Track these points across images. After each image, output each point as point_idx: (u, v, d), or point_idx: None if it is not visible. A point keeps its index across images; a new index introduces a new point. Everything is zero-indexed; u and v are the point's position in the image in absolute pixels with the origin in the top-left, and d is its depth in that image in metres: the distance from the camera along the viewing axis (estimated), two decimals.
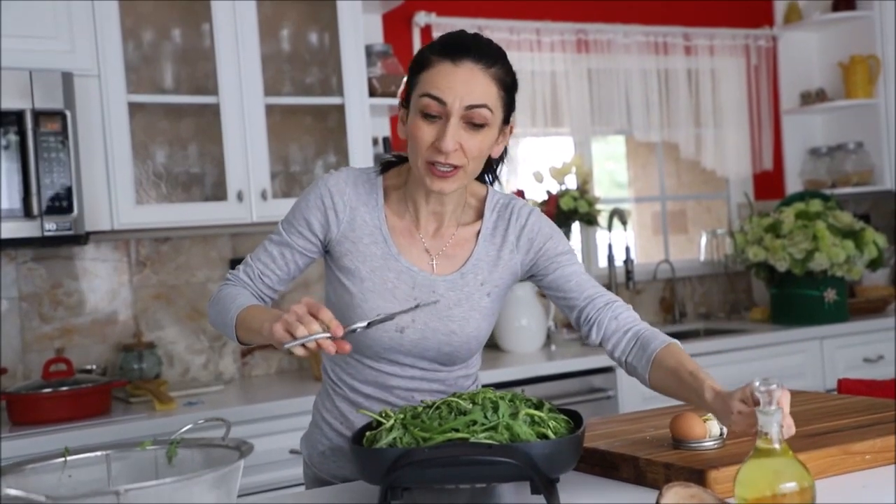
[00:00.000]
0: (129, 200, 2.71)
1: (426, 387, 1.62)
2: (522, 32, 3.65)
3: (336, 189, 1.58)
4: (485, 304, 1.59)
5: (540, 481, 1.22)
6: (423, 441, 1.28)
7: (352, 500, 1.42)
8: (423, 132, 1.47)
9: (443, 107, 1.46)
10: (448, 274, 1.59)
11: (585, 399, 3.00)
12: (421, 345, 1.57)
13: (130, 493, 0.95)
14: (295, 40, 3.10)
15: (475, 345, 1.60)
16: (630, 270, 3.72)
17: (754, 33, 4.15)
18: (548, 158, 3.82)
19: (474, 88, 1.47)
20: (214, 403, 2.64)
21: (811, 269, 3.46)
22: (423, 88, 1.48)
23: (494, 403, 1.34)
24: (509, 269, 1.62)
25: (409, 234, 1.60)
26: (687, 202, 4.48)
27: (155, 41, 2.92)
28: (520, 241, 1.61)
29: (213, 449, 1.16)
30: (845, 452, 1.35)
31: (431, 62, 1.49)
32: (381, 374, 1.60)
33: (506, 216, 1.63)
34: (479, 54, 1.48)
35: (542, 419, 1.32)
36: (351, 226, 1.58)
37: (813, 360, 3.45)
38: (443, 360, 1.60)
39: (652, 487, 1.34)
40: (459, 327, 1.57)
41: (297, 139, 3.11)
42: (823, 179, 4.18)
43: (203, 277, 3.11)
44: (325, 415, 1.67)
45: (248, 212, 2.85)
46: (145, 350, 2.91)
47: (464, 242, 1.61)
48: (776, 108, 4.25)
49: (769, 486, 1.11)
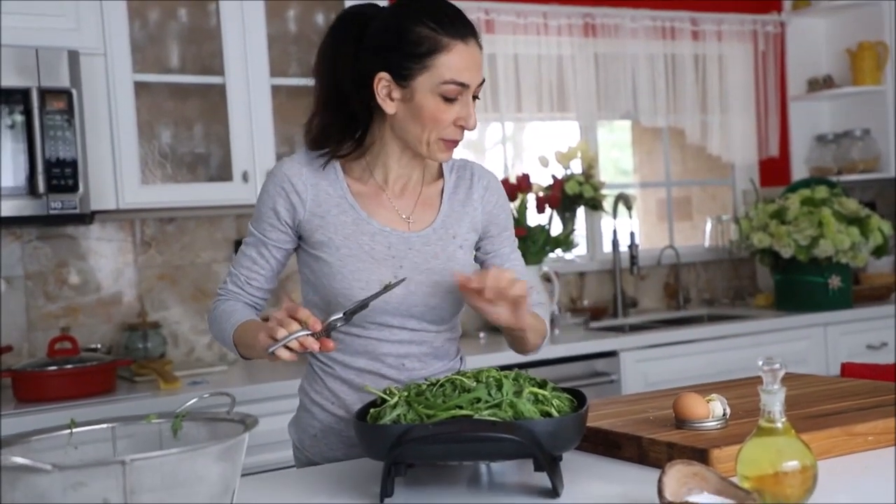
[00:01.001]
0: (134, 180, 2.71)
1: (416, 350, 1.63)
2: (529, 16, 3.63)
3: (291, 172, 1.60)
4: (459, 256, 1.64)
5: (543, 459, 1.23)
6: (426, 418, 1.28)
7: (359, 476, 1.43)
8: (445, 114, 1.52)
9: (463, 89, 1.52)
10: (421, 230, 1.63)
11: (588, 383, 3.00)
12: (408, 300, 1.58)
13: (136, 463, 0.96)
14: (301, 21, 3.10)
15: (459, 296, 1.60)
16: (634, 256, 3.72)
17: (762, 19, 4.13)
18: (553, 143, 3.82)
19: (479, 67, 1.55)
20: (218, 383, 2.65)
21: (816, 256, 3.46)
22: (445, 75, 1.50)
23: (498, 381, 1.34)
24: (474, 224, 1.68)
25: (375, 197, 1.63)
26: (692, 188, 4.48)
27: (161, 20, 2.91)
28: (484, 199, 1.68)
29: (218, 423, 1.17)
30: (848, 434, 1.36)
31: (446, 45, 1.50)
32: (370, 341, 1.61)
33: (466, 176, 1.69)
34: (474, 31, 1.55)
35: (545, 398, 1.33)
36: (316, 202, 1.59)
37: (816, 347, 3.45)
38: (430, 317, 1.62)
39: (654, 467, 1.35)
40: (441, 277, 1.60)
41: (302, 120, 3.07)
42: (829, 166, 4.17)
43: (208, 258, 3.11)
44: (315, 397, 1.67)
45: (253, 192, 2.85)
46: (150, 330, 2.92)
47: (430, 200, 1.66)
48: (783, 95, 4.23)
49: (771, 464, 1.11)
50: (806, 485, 1.12)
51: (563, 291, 3.74)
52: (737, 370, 3.14)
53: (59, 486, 0.96)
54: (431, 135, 1.53)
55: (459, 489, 1.32)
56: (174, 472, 1.00)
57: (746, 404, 1.54)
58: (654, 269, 3.98)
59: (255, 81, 2.85)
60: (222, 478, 1.06)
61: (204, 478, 1.03)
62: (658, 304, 4.00)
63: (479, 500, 1.26)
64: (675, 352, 3.21)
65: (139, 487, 0.97)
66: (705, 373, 3.17)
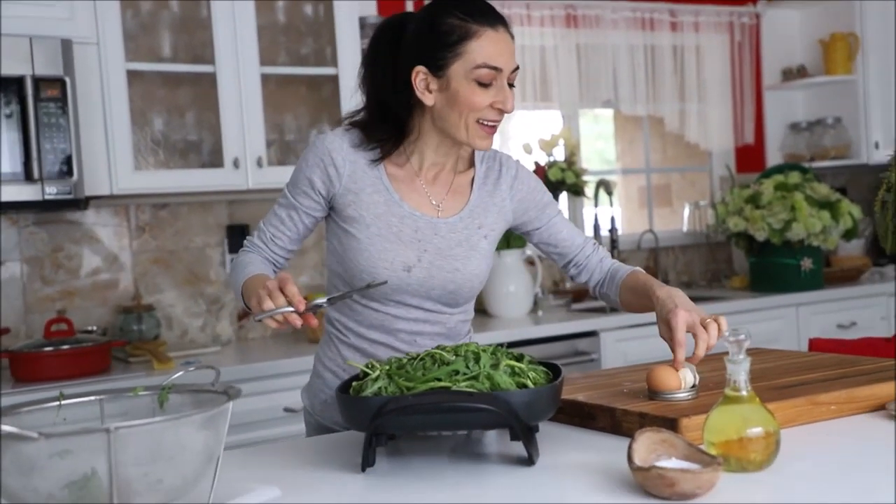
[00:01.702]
0: (127, 166, 2.70)
1: (429, 329, 1.64)
2: (513, 7, 3.62)
3: (334, 146, 1.60)
4: (483, 246, 1.65)
5: (519, 428, 1.23)
6: (407, 390, 1.28)
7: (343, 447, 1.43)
8: (480, 98, 1.52)
9: (497, 73, 1.52)
10: (449, 217, 1.64)
11: (570, 361, 3.02)
12: (427, 283, 1.60)
13: (121, 430, 0.96)
14: (290, 11, 3.08)
15: (476, 283, 1.65)
16: (615, 240, 3.72)
17: (738, 10, 4.13)
18: (537, 131, 3.82)
19: (511, 53, 1.55)
20: (211, 363, 2.62)
21: (789, 239, 3.47)
22: (476, 59, 1.51)
23: (476, 355, 1.35)
24: (502, 215, 1.69)
25: (409, 181, 1.63)
26: (672, 175, 4.48)
27: (153, 10, 2.89)
28: (513, 190, 1.69)
29: (203, 394, 1.17)
30: (812, 403, 1.37)
31: (476, 31, 1.52)
32: (386, 317, 1.62)
33: (495, 167, 1.70)
34: (505, 21, 1.56)
35: (522, 370, 1.33)
36: (352, 178, 1.60)
37: (789, 326, 3.47)
38: (447, 300, 1.63)
39: (627, 436, 1.35)
40: (462, 265, 1.61)
41: (292, 108, 3.10)
42: (803, 153, 4.18)
43: (201, 243, 3.10)
44: (328, 363, 1.69)
45: (244, 179, 2.84)
46: (144, 312, 2.91)
47: (461, 189, 1.67)
48: (758, 84, 4.24)
49: (736, 430, 1.12)
50: (769, 450, 1.13)
51: (546, 274, 3.74)
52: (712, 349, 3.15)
53: (45, 453, 0.96)
54: (469, 119, 1.54)
55: (439, 458, 1.32)
56: (159, 441, 1.00)
57: (717, 376, 1.55)
58: (634, 253, 3.99)
59: (245, 70, 2.84)
60: (206, 446, 1.06)
61: (188, 446, 1.03)
62: None
63: (459, 468, 1.27)
64: (653, 331, 3.12)
65: (124, 455, 0.97)
66: None
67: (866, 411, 1.40)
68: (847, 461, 1.19)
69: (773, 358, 1.74)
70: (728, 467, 1.12)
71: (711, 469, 1.05)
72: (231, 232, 3.12)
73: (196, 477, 1.06)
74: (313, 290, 3.20)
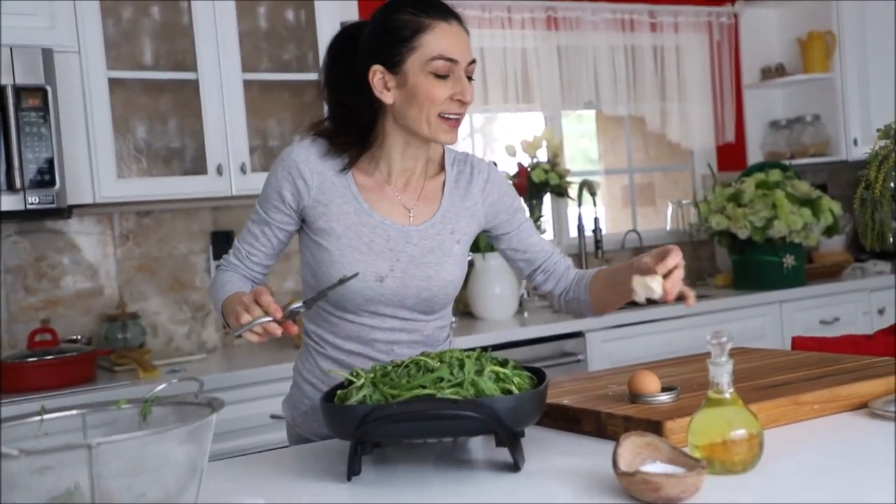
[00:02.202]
0: (110, 174, 2.67)
1: (406, 338, 1.63)
2: (494, 10, 3.62)
3: (300, 158, 1.60)
4: (456, 252, 1.64)
5: (504, 434, 1.22)
6: (391, 398, 1.27)
7: (328, 456, 1.42)
8: (438, 90, 1.52)
9: (453, 65, 1.52)
10: (420, 224, 1.62)
11: (556, 363, 3.01)
12: (401, 293, 1.59)
13: (102, 446, 0.95)
14: (272, 17, 3.07)
15: (451, 289, 1.64)
16: (599, 240, 3.73)
17: (717, 10, 4.14)
18: (520, 133, 3.82)
19: (467, 45, 1.55)
20: (197, 371, 2.63)
21: (770, 237, 3.48)
22: (430, 51, 1.51)
23: (461, 361, 1.34)
24: (475, 218, 1.68)
25: (379, 190, 1.62)
26: (654, 174, 4.49)
27: (134, 17, 2.87)
28: (484, 193, 1.68)
29: (186, 406, 1.15)
30: (795, 403, 1.37)
31: (429, 24, 1.52)
32: (362, 327, 1.61)
33: (466, 170, 1.69)
34: (457, 15, 1.57)
35: (506, 376, 1.32)
36: (321, 190, 1.59)
37: (772, 323, 3.48)
38: (422, 308, 1.62)
39: (612, 440, 1.34)
40: (435, 272, 1.60)
41: (274, 114, 3.08)
42: (783, 151, 4.20)
43: (185, 250, 3.08)
44: (307, 375, 1.68)
45: (227, 185, 2.83)
46: (129, 320, 2.89)
47: (432, 194, 1.65)
48: (738, 83, 4.25)
49: (720, 433, 1.12)
50: (753, 452, 1.13)
51: None
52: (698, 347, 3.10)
53: (26, 470, 0.94)
54: (430, 113, 1.52)
55: (425, 466, 1.31)
56: (141, 455, 0.99)
57: (700, 378, 1.55)
58: (618, 253, 3.99)
59: (227, 77, 2.82)
60: (189, 459, 1.04)
61: (171, 460, 1.02)
62: None
63: (445, 475, 1.26)
64: (638, 331, 3.23)
65: (107, 470, 0.96)
66: (668, 350, 3.17)
67: (849, 410, 1.40)
68: (831, 460, 1.19)
69: (756, 357, 1.74)
70: (712, 470, 1.12)
71: (696, 473, 1.04)
72: (215, 238, 3.11)
73: (179, 490, 1.05)
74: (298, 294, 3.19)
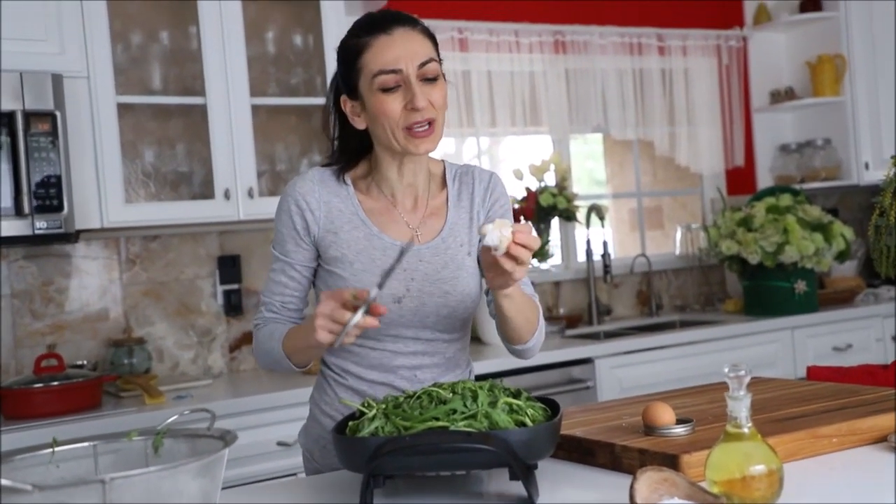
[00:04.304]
0: (118, 199, 2.69)
1: (428, 362, 1.63)
2: (501, 34, 3.65)
3: (305, 190, 1.61)
4: (468, 264, 1.64)
5: (518, 468, 1.22)
6: (404, 430, 1.27)
7: (341, 487, 1.42)
8: (390, 105, 1.52)
9: (399, 75, 1.52)
10: (430, 241, 1.63)
11: (565, 390, 3.00)
12: (420, 312, 1.59)
13: (116, 481, 0.95)
14: (280, 42, 3.09)
15: (469, 302, 1.63)
16: (608, 265, 3.73)
17: (725, 34, 4.16)
18: (527, 156, 3.83)
19: (416, 47, 1.54)
20: (203, 397, 2.63)
21: (782, 262, 3.48)
22: (372, 68, 1.53)
23: (474, 393, 1.33)
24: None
25: (387, 212, 1.63)
26: (663, 198, 4.49)
27: (143, 43, 2.90)
28: (484, 200, 1.68)
29: (198, 439, 1.15)
30: (813, 436, 1.36)
31: (366, 44, 1.54)
32: (384, 353, 1.61)
33: (468, 181, 1.69)
34: (402, 19, 1.56)
35: (520, 407, 1.32)
36: (329, 219, 1.61)
37: (784, 350, 3.47)
38: (443, 326, 1.62)
39: (627, 473, 1.34)
40: (452, 287, 1.60)
41: (282, 138, 3.10)
42: (793, 175, 4.20)
43: (192, 274, 3.09)
44: (325, 407, 1.66)
45: (235, 210, 2.84)
46: (135, 345, 2.89)
47: (437, 211, 1.66)
48: (747, 106, 4.27)
49: (738, 468, 1.11)
50: (773, 487, 1.12)
51: (540, 301, 3.73)
52: (709, 374, 3.15)
53: None
54: (394, 129, 1.53)
55: (438, 499, 1.30)
56: (155, 489, 0.99)
57: (715, 409, 1.54)
58: (627, 277, 3.99)
59: (235, 101, 2.84)
60: (202, 493, 1.04)
61: (184, 493, 1.02)
62: (631, 311, 4.01)
63: None
64: (648, 357, 3.22)
65: None
66: (679, 377, 3.18)
67: (868, 443, 1.39)
68: (850, 495, 1.18)
69: (771, 388, 1.73)
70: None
71: None
72: (222, 263, 3.11)
73: None
74: None
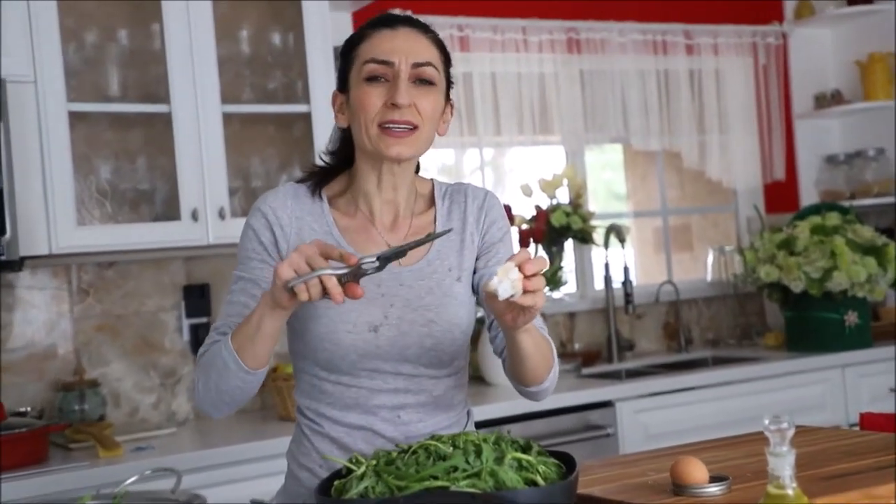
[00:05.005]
0: (69, 221, 2.69)
1: (412, 401, 1.62)
2: (507, 31, 3.67)
3: (276, 204, 1.64)
4: (457, 290, 1.64)
5: None
6: (398, 490, 1.27)
7: None
8: (371, 96, 1.57)
9: (389, 68, 1.56)
10: (413, 264, 1.63)
11: (582, 438, 3.00)
12: (400, 342, 1.59)
13: None
14: (255, 42, 3.11)
15: (458, 334, 1.62)
16: (629, 293, 3.73)
17: (762, 30, 4.19)
18: (537, 169, 3.84)
19: (417, 47, 1.59)
20: (166, 448, 2.62)
21: (829, 290, 3.48)
22: (364, 57, 1.58)
23: (477, 446, 1.33)
24: (473, 252, 1.69)
25: (364, 231, 1.65)
26: (691, 216, 4.51)
27: (99, 43, 2.91)
28: (479, 221, 1.70)
29: None
30: (868, 497, 1.35)
31: (367, 34, 1.61)
32: (361, 391, 1.60)
33: (460, 200, 1.71)
34: (413, 22, 1.62)
35: (530, 463, 1.31)
36: (300, 237, 1.62)
37: (834, 391, 3.46)
38: (427, 360, 1.61)
39: None
40: (437, 315, 1.60)
41: (258, 151, 3.11)
42: (841, 190, 4.21)
43: (154, 306, 3.09)
44: (303, 460, 1.66)
45: (203, 232, 2.84)
46: (88, 389, 2.89)
47: (422, 231, 1.67)
48: (788, 112, 4.29)
49: None
50: None
51: (552, 334, 3.73)
52: (746, 419, 3.14)
53: None
54: (369, 125, 1.56)
55: None
56: None
57: (754, 464, 1.53)
58: (651, 307, 3.99)
59: (204, 109, 2.85)
60: None
61: None
62: (657, 346, 4.01)
63: None
64: (677, 400, 3.21)
65: None
66: (712, 423, 3.17)
67: None
68: None
69: (818, 439, 1.73)
70: None
71: None
72: (188, 293, 3.11)
73: None
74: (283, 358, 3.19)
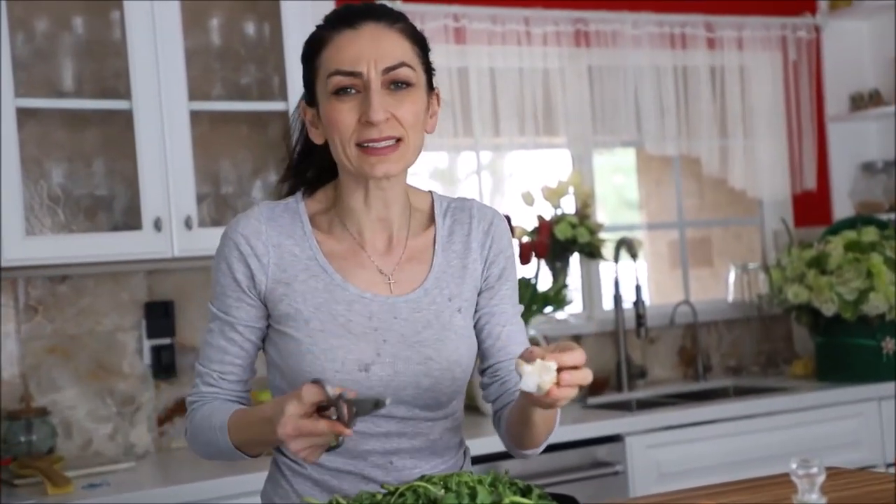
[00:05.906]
0: (16, 231, 2.69)
1: (407, 446, 1.62)
2: (508, 22, 3.68)
3: (249, 231, 1.61)
4: (458, 323, 1.63)
5: None
6: None
7: None
8: (343, 114, 1.55)
9: (357, 79, 1.54)
10: (409, 293, 1.62)
11: (587, 476, 3.00)
12: (394, 383, 1.58)
13: None
14: (227, 32, 3.12)
15: (458, 372, 1.62)
16: (641, 315, 3.73)
17: (792, 22, 4.21)
18: (539, 175, 3.85)
19: (385, 48, 1.56)
20: (123, 485, 2.62)
21: (865, 314, 3.49)
22: (329, 68, 1.56)
23: (471, 489, 1.34)
24: (475, 280, 1.68)
25: (353, 256, 1.63)
26: (711, 229, 4.52)
27: (51, 32, 2.92)
28: (485, 245, 1.68)
29: None
30: None
31: (327, 38, 1.58)
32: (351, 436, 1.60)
33: (464, 219, 1.69)
34: (377, 14, 1.58)
35: None
36: (280, 266, 1.60)
37: (870, 427, 3.47)
38: (424, 402, 1.61)
39: None
40: (435, 351, 1.60)
41: (230, 153, 3.11)
42: (879, 201, 4.23)
43: (111, 325, 3.09)
44: (279, 502, 1.66)
45: (167, 244, 2.84)
46: (35, 418, 2.88)
47: (419, 255, 1.66)
48: (820, 115, 4.30)
49: None
50: None
51: None
52: (771, 457, 3.15)
53: None
54: (346, 144, 1.55)
55: None
56: None
57: None
58: (666, 331, 4.00)
59: (169, 106, 2.86)
60: None
61: None
62: (672, 373, 4.01)
63: None
64: (694, 434, 3.22)
65: None
66: (732, 460, 3.17)
67: None
68: None
69: (853, 482, 1.73)
70: None
71: None
72: (150, 311, 3.11)
73: None
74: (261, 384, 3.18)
